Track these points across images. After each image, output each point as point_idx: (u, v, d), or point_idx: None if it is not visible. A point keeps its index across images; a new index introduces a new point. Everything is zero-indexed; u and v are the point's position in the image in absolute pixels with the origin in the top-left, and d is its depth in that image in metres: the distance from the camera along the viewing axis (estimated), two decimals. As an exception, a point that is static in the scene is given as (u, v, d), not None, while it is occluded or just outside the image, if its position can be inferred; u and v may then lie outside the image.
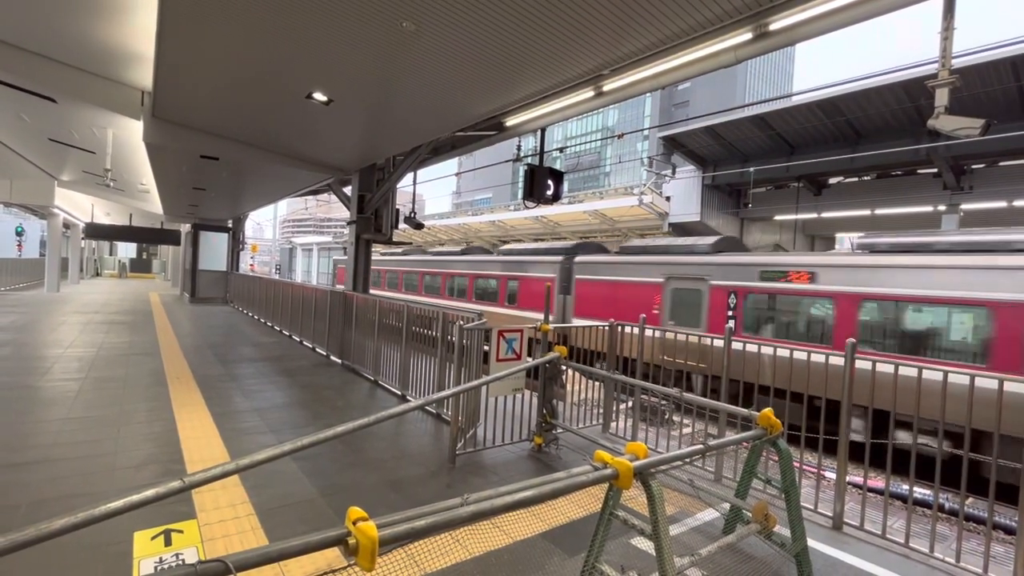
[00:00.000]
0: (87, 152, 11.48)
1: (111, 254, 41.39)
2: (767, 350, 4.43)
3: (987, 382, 3.20)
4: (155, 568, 2.67)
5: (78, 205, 21.83)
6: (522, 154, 12.70)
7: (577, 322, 11.29)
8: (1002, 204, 13.73)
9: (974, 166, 13.85)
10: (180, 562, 2.73)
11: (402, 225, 10.98)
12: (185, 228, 22.41)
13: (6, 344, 8.52)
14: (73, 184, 17.96)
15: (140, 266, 39.79)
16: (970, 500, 7.02)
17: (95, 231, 22.71)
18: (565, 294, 14.62)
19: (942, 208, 14.28)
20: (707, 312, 10.99)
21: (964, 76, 4.70)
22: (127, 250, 41.50)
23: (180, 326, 12.07)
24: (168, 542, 2.91)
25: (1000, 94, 11.55)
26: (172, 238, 23.39)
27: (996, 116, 10.43)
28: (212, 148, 8.60)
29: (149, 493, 1.56)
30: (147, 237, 25.97)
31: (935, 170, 14.04)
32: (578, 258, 14.51)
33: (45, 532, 1.29)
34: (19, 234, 33.94)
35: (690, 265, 11.55)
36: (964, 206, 14.01)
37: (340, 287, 12.43)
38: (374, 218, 9.85)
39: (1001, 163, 13.43)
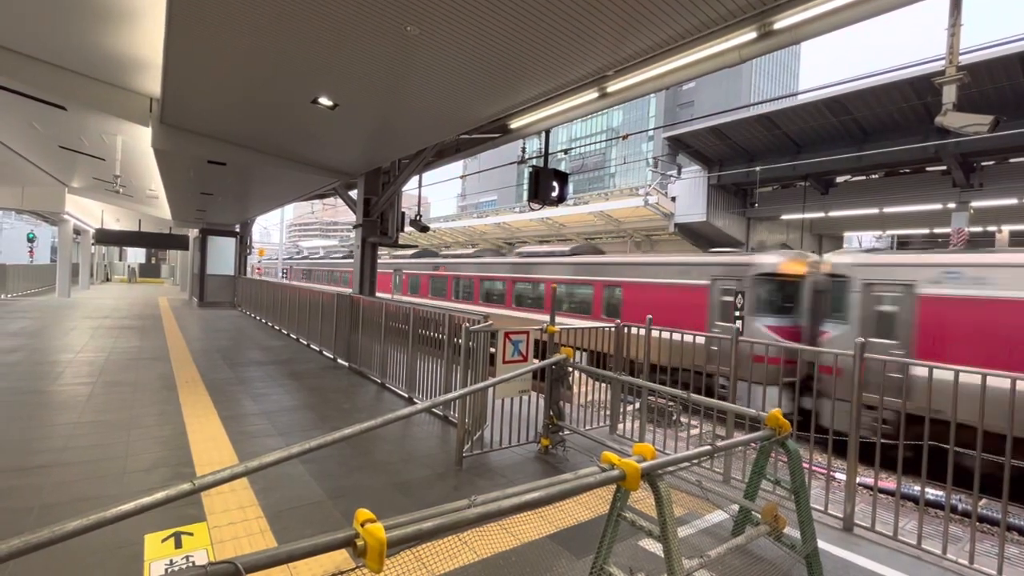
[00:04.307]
0: (97, 159, 11.62)
1: (121, 259, 41.84)
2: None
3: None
4: (166, 570, 2.69)
5: (88, 211, 22.08)
6: (527, 156, 12.72)
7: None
8: (1013, 201, 13.59)
9: (984, 163, 13.71)
10: (190, 564, 2.75)
11: (407, 228, 11.03)
12: (193, 233, 22.60)
13: (18, 349, 8.62)
14: (83, 190, 18.18)
15: (149, 271, 40.24)
16: (983, 501, 6.93)
17: (105, 237, 22.96)
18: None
19: (952, 206, 14.15)
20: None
21: (972, 72, 4.66)
22: (136, 255, 41.97)
23: (189, 330, 12.17)
24: (178, 544, 2.93)
25: (1009, 90, 11.44)
26: (180, 243, 23.61)
27: (1005, 112, 10.31)
28: (219, 153, 8.68)
29: (159, 496, 1.57)
30: (156, 242, 26.26)
31: (944, 167, 13.92)
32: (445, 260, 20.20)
33: (58, 534, 1.30)
34: (31, 240, 34.41)
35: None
36: (974, 203, 13.87)
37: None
38: (380, 221, 9.90)
39: (1011, 159, 13.29)
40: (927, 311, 7.99)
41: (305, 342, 10.76)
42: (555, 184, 7.56)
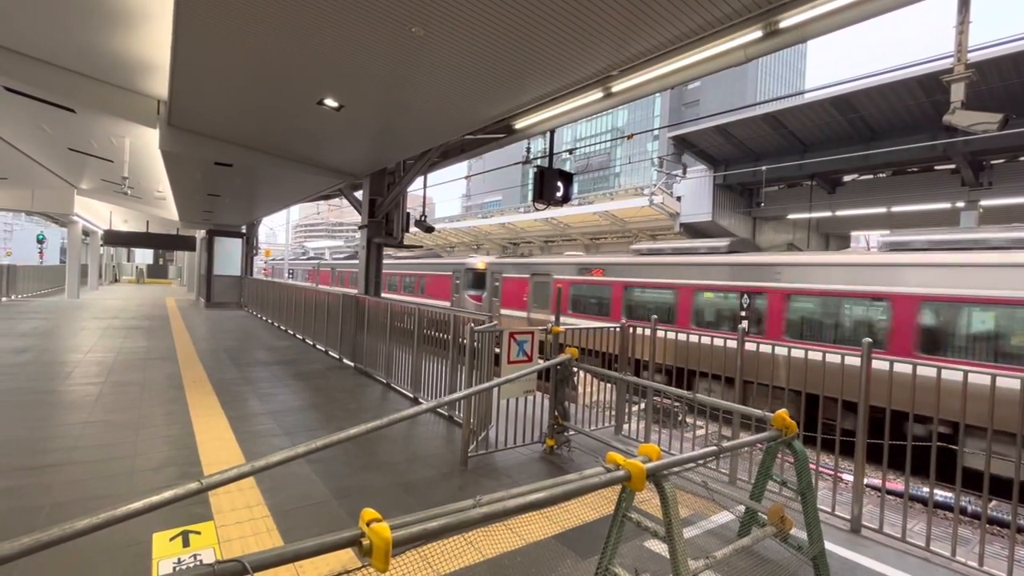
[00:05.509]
0: (105, 161, 11.73)
1: (129, 260, 42.19)
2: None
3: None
4: (174, 568, 2.71)
5: (97, 213, 22.29)
6: (531, 156, 12.71)
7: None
8: (1023, 199, 13.44)
9: (993, 161, 13.57)
10: (198, 562, 2.77)
11: (412, 228, 11.05)
12: (200, 234, 22.75)
13: (29, 349, 8.71)
14: (92, 192, 18.36)
15: (157, 272, 40.51)
16: (993, 503, 6.86)
17: (113, 238, 23.15)
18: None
19: (960, 205, 14.01)
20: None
21: (981, 70, 4.62)
22: (144, 256, 42.30)
23: (196, 331, 12.26)
24: (186, 543, 2.96)
25: (1019, 87, 11.31)
26: (188, 244, 23.75)
27: (1015, 110, 10.19)
28: (226, 155, 8.74)
29: (167, 494, 1.59)
30: (163, 243, 26.46)
31: (953, 166, 13.79)
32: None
33: (68, 532, 1.31)
34: (40, 242, 34.77)
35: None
36: (983, 202, 13.73)
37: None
38: (385, 222, 9.93)
39: (1021, 158, 13.15)
40: (506, 284, 17.09)
41: (311, 342, 10.81)
42: (560, 184, 7.55)
